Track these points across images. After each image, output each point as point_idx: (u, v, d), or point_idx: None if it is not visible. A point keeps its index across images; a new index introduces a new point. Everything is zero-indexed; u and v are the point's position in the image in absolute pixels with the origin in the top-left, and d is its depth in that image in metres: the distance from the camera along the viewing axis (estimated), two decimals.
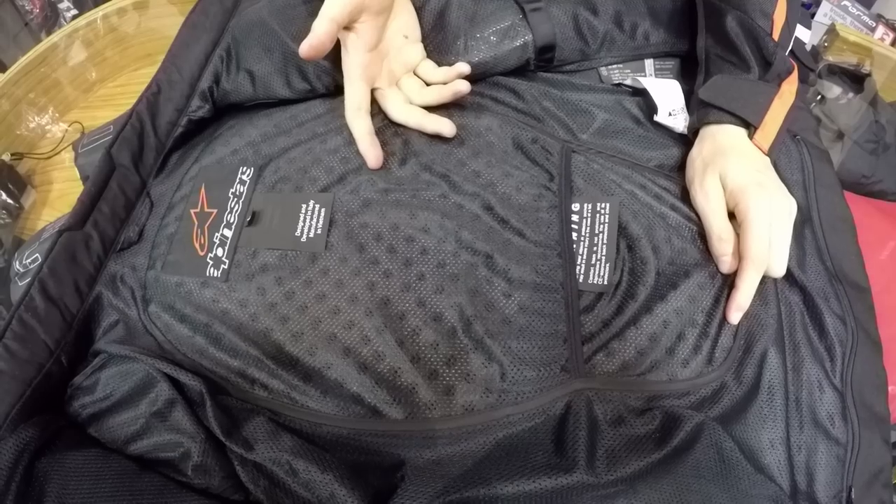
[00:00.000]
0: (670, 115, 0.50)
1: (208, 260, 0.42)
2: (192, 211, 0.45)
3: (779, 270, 0.43)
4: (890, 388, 0.48)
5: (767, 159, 0.47)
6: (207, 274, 0.41)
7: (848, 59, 0.82)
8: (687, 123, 0.51)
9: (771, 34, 0.47)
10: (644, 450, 0.37)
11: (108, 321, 0.42)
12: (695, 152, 0.48)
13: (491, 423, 0.38)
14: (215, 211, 0.44)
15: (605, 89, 0.53)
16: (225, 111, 0.52)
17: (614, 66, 0.53)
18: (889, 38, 1.01)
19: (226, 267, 0.41)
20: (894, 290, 0.54)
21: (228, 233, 0.43)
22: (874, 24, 1.01)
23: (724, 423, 0.40)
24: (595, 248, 0.43)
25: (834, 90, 0.79)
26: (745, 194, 0.43)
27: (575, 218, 0.44)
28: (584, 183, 0.46)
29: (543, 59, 0.50)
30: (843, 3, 1.00)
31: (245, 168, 0.45)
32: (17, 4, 1.01)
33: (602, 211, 0.44)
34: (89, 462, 0.35)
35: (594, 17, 0.50)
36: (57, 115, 0.89)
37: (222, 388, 0.38)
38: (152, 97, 0.50)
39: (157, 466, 0.36)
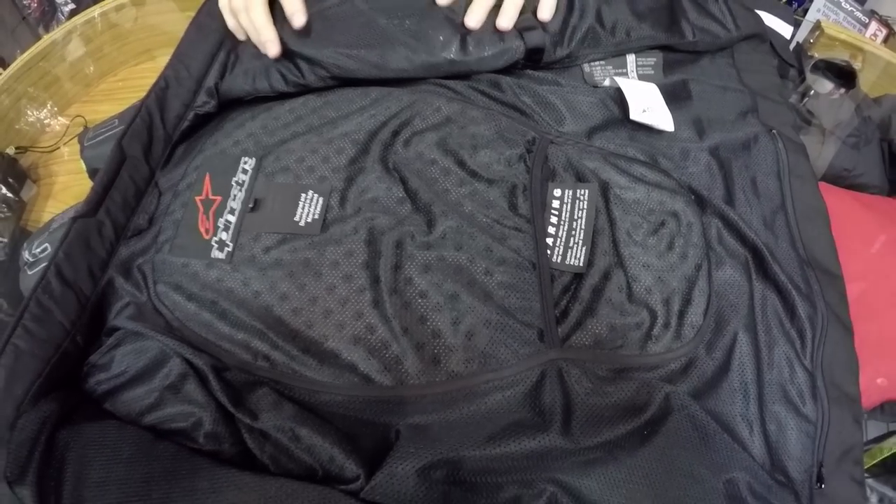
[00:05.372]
0: (644, 111, 0.52)
1: (213, 243, 0.44)
2: (196, 198, 0.47)
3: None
4: (879, 380, 0.50)
5: None
6: (212, 256, 0.44)
7: (839, 55, 0.82)
8: (666, 119, 0.52)
9: None
10: (619, 419, 0.39)
11: (119, 304, 0.44)
12: None
13: (473, 388, 0.41)
14: (219, 198, 0.46)
15: (587, 90, 0.55)
16: (228, 106, 0.54)
17: (596, 62, 0.55)
18: (881, 35, 0.97)
19: (230, 249, 0.44)
20: (884, 285, 0.54)
21: (232, 218, 0.45)
22: (867, 20, 0.96)
23: (696, 398, 0.42)
24: (573, 232, 0.46)
25: (826, 86, 0.81)
26: None
27: (556, 203, 0.47)
28: (563, 170, 0.49)
29: (531, 60, 0.53)
30: None
31: (247, 158, 0.48)
32: None
33: (581, 197, 0.47)
34: (106, 432, 0.37)
35: (578, 17, 0.53)
36: (56, 109, 0.90)
37: (227, 363, 0.41)
38: (161, 92, 0.52)
39: (170, 436, 0.38)
